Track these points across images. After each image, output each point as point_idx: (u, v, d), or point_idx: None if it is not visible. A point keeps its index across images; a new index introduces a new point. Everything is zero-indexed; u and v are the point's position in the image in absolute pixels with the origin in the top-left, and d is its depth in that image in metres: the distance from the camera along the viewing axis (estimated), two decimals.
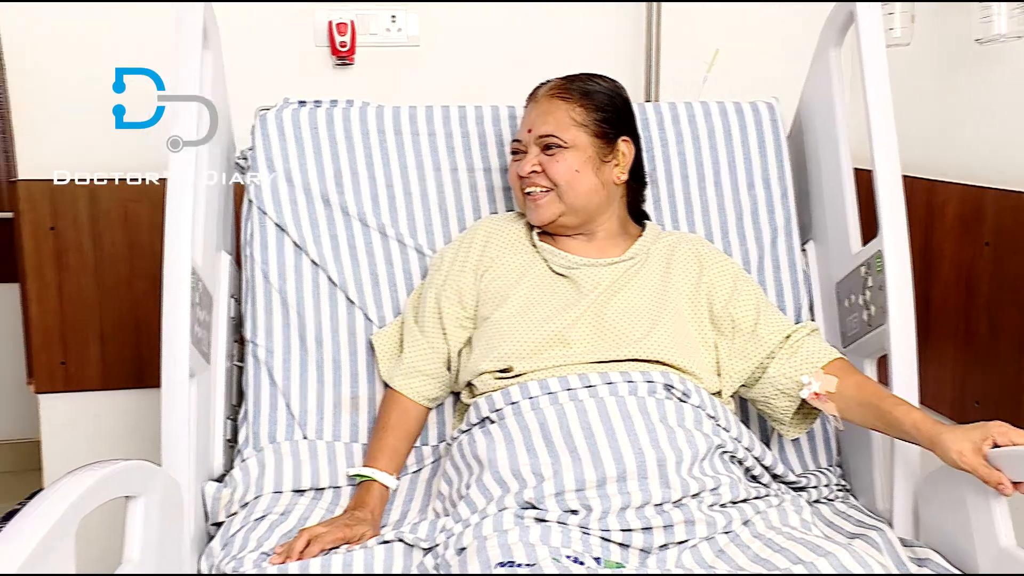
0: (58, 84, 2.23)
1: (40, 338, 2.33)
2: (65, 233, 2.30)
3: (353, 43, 2.22)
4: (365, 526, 1.45)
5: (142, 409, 2.41)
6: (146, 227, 2.33)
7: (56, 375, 2.35)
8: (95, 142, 2.27)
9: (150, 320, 2.34)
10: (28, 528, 0.95)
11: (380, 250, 1.80)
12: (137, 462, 1.26)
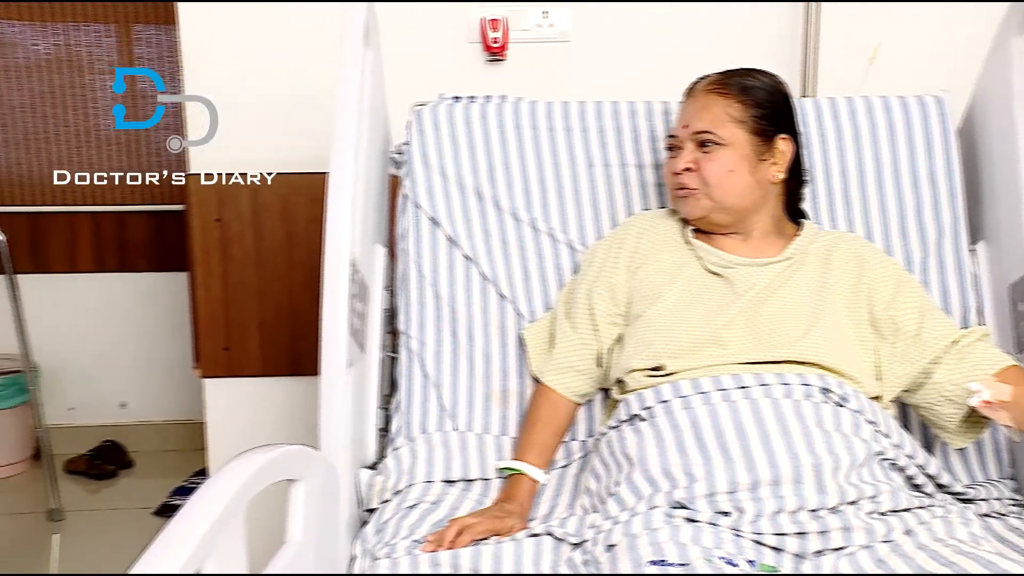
0: (228, 83, 2.33)
1: (206, 325, 2.45)
2: (230, 225, 2.41)
3: (505, 39, 2.25)
4: (514, 519, 1.46)
5: (297, 396, 2.50)
6: (303, 220, 2.42)
7: (219, 361, 2.46)
8: (259, 138, 2.37)
9: (306, 310, 2.43)
10: (204, 507, 1.00)
11: (531, 245, 1.81)
12: (299, 447, 1.30)
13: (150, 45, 3.42)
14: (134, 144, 3.49)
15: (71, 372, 3.57)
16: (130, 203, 3.53)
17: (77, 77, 3.44)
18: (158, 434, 3.62)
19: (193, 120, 2.35)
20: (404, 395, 1.75)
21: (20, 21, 3.39)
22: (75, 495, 3.23)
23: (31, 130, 3.47)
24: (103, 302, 3.58)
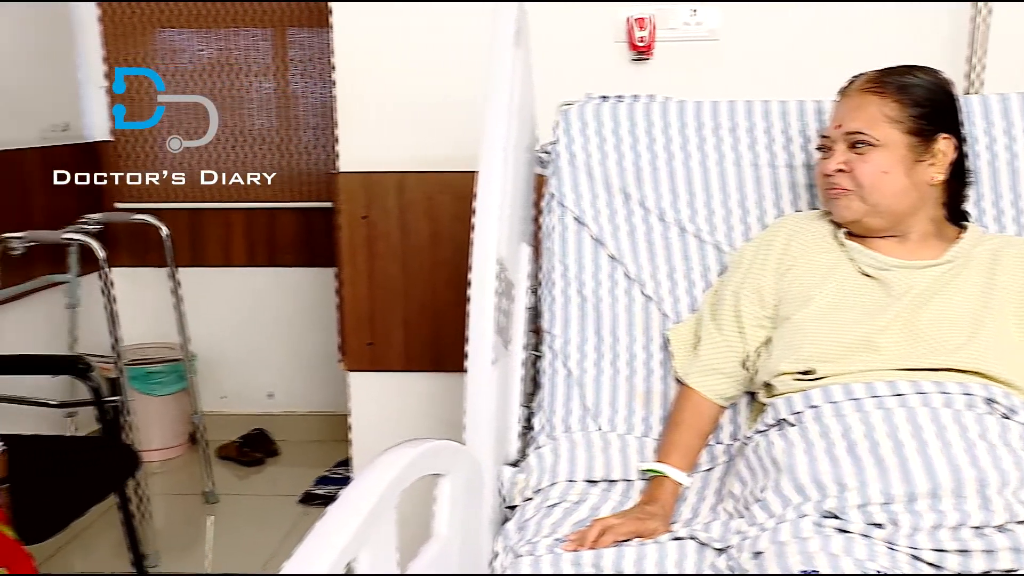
0: (380, 82, 2.39)
1: (352, 320, 2.52)
2: (376, 222, 2.47)
3: (652, 38, 2.23)
4: (657, 521, 1.45)
5: (438, 391, 2.54)
6: (447, 217, 2.46)
7: (364, 355, 2.53)
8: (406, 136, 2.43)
9: (449, 307, 2.47)
10: (360, 498, 1.02)
11: (678, 245, 1.79)
12: (446, 442, 1.32)
13: (303, 48, 3.54)
14: (285, 144, 3.62)
15: (224, 362, 3.72)
16: (280, 200, 3.65)
17: (235, 79, 3.59)
18: (303, 424, 3.74)
19: (345, 121, 2.42)
20: (547, 393, 1.76)
21: (188, 28, 3.56)
22: (226, 479, 3.37)
23: (192, 131, 3.64)
24: (254, 296, 3.72)
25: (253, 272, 3.70)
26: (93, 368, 2.45)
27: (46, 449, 2.36)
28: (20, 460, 2.00)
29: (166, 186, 3.66)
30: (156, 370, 3.45)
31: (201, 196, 3.66)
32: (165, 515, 3.05)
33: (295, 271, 3.68)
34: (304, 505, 3.16)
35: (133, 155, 3.64)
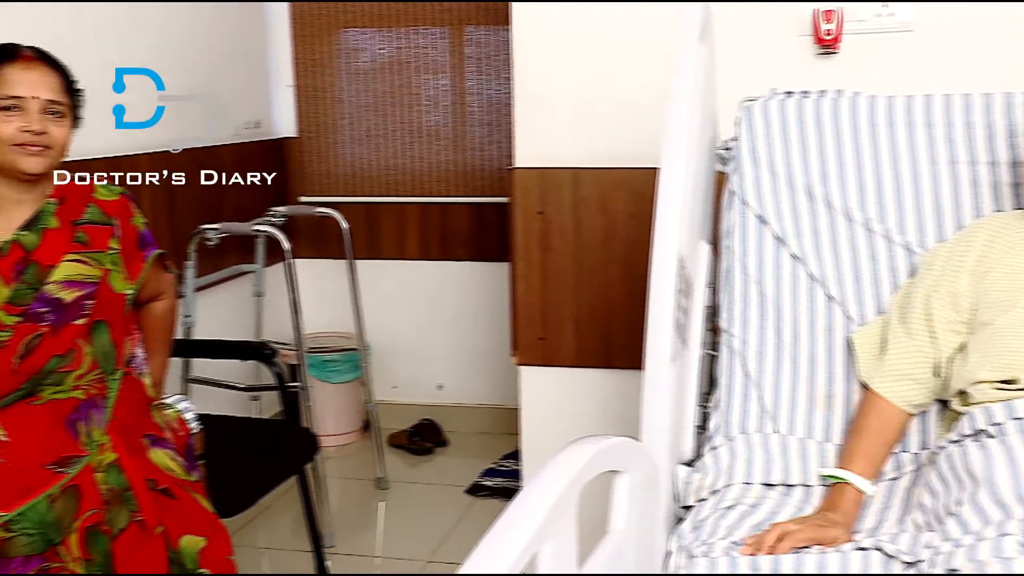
0: (557, 79, 2.41)
1: (524, 315, 2.54)
2: (550, 218, 2.49)
3: (839, 31, 2.16)
4: (838, 529, 1.40)
5: (608, 388, 2.54)
6: (622, 214, 2.45)
7: (535, 350, 2.55)
8: (582, 133, 2.43)
9: (621, 304, 2.47)
10: (544, 491, 1.03)
11: (864, 245, 1.73)
12: (624, 439, 1.32)
13: (479, 45, 3.61)
14: (459, 140, 3.70)
15: (396, 353, 3.83)
16: (454, 195, 3.73)
17: (413, 77, 3.69)
18: (471, 416, 3.81)
19: (522, 117, 2.45)
20: (724, 393, 1.73)
21: (370, 27, 3.68)
22: (397, 467, 3.47)
23: (371, 128, 3.77)
24: (426, 289, 3.81)
25: (426, 265, 3.80)
26: (277, 355, 2.56)
27: (236, 430, 2.49)
28: (213, 439, 2.12)
29: (345, 180, 3.80)
30: (333, 359, 3.59)
31: (378, 190, 3.78)
32: (339, 498, 3.17)
33: (467, 265, 3.75)
34: (471, 496, 3.22)
35: (316, 151, 3.81)
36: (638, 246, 2.39)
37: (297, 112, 3.79)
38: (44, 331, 1.73)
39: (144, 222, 1.95)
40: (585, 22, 2.36)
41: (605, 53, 2.37)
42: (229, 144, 3.45)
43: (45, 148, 1.72)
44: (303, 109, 3.79)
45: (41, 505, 1.59)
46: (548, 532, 1.03)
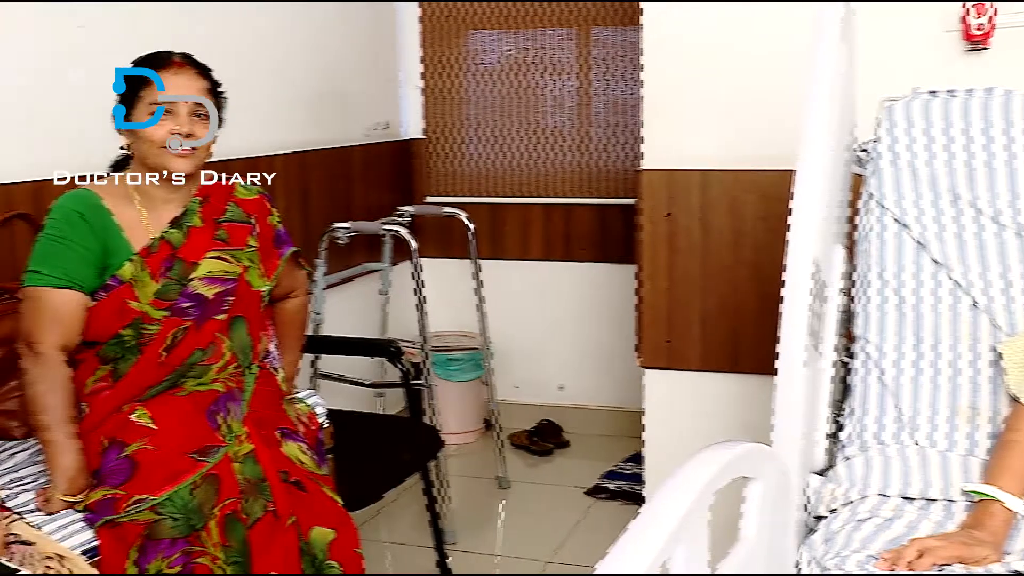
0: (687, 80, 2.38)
1: (649, 317, 2.52)
2: (678, 219, 2.46)
3: (991, 25, 2.06)
4: (986, 549, 1.34)
5: (733, 393, 2.49)
6: (751, 216, 2.41)
7: (660, 352, 2.52)
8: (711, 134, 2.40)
9: (748, 307, 2.42)
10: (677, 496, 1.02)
11: (1015, 251, 1.65)
12: (757, 445, 1.29)
13: (605, 46, 3.60)
14: (584, 141, 3.69)
15: (518, 353, 3.85)
16: (577, 196, 3.73)
17: (539, 78, 3.70)
18: (592, 418, 3.80)
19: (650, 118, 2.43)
20: (858, 402, 1.68)
21: (497, 29, 3.71)
22: (517, 467, 3.49)
23: (497, 128, 3.80)
24: (549, 289, 3.82)
25: (549, 266, 3.81)
26: (403, 352, 2.61)
27: (362, 425, 2.54)
28: (341, 434, 2.17)
29: (470, 181, 3.84)
30: (456, 357, 3.63)
31: (502, 191, 3.81)
32: (460, 496, 3.21)
33: (589, 266, 3.74)
34: (592, 497, 3.21)
35: (442, 151, 3.86)
36: (768, 249, 2.35)
37: (424, 113, 3.85)
38: (188, 325, 1.80)
39: (280, 220, 2.02)
40: (717, 21, 2.33)
41: (737, 53, 2.33)
42: (359, 145, 3.53)
43: (193, 149, 1.80)
44: (430, 110, 3.85)
45: (185, 491, 1.65)
46: (681, 536, 1.02)
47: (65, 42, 2.26)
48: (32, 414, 1.72)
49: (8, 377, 1.89)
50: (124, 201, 1.83)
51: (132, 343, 1.78)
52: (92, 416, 1.76)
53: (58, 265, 1.75)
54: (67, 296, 1.74)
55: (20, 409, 1.86)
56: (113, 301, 1.77)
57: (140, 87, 1.78)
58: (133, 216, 1.83)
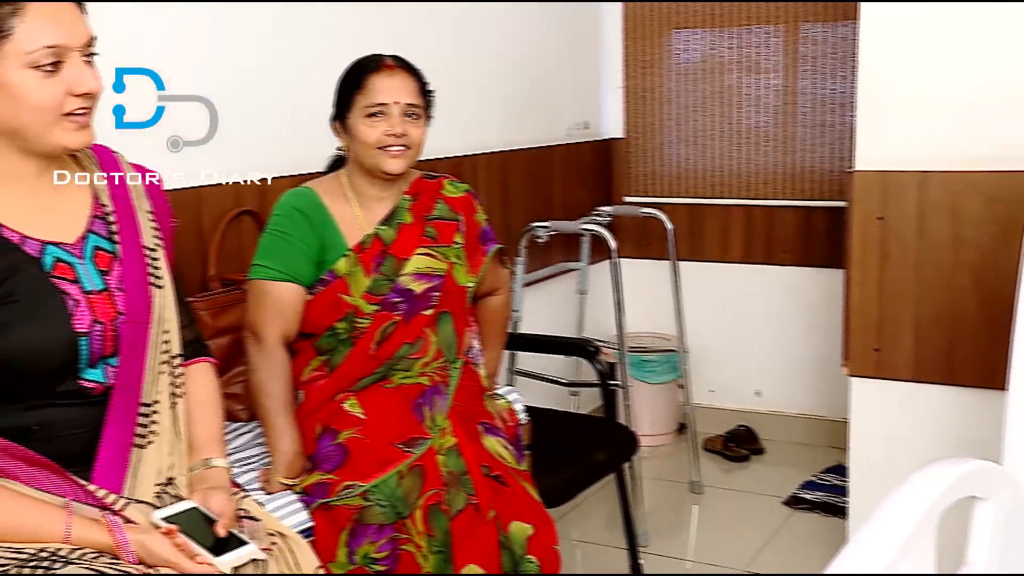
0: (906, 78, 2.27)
1: (857, 323, 2.42)
2: (891, 223, 2.35)
3: None
4: None
5: (952, 406, 2.36)
6: (974, 219, 2.27)
7: (868, 360, 2.42)
8: (931, 134, 2.28)
9: (969, 316, 2.28)
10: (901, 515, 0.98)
11: None
12: (987, 463, 1.21)
13: (815, 43, 3.48)
14: (789, 141, 3.58)
15: (714, 356, 3.78)
16: (780, 198, 3.63)
17: (743, 77, 3.62)
18: (790, 425, 3.68)
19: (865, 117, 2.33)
20: None
21: (701, 28, 3.66)
22: (712, 472, 3.42)
23: (698, 128, 3.74)
24: (748, 292, 3.73)
25: (748, 268, 3.72)
26: (600, 352, 2.61)
27: (559, 423, 2.56)
28: (538, 431, 2.20)
29: (670, 181, 3.80)
30: (651, 359, 3.60)
31: (702, 192, 3.75)
32: (653, 498, 3.18)
33: (791, 270, 3.63)
34: (790, 508, 3.11)
35: (642, 151, 3.83)
36: (993, 255, 2.21)
37: (625, 113, 3.84)
38: (397, 320, 1.87)
39: (485, 218, 2.06)
40: (941, 15, 2.21)
41: (963, 48, 2.21)
42: (560, 145, 3.55)
43: (405, 149, 1.86)
44: (631, 110, 3.84)
45: (392, 480, 1.71)
46: (906, 557, 0.96)
47: (271, 49, 2.38)
48: (255, 399, 1.83)
49: (233, 363, 2.01)
50: (340, 199, 1.91)
51: (345, 336, 1.86)
52: (308, 403, 1.86)
53: (280, 259, 1.85)
54: (288, 289, 1.84)
55: (244, 393, 1.98)
56: (329, 295, 1.85)
57: (354, 90, 1.86)
58: (348, 213, 1.91)
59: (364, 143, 1.86)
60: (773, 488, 3.25)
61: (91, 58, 1.31)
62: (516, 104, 3.32)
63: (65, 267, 1.35)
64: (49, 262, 1.34)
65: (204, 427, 1.52)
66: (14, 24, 1.23)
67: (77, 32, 1.29)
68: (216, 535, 1.35)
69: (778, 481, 3.29)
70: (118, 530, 1.28)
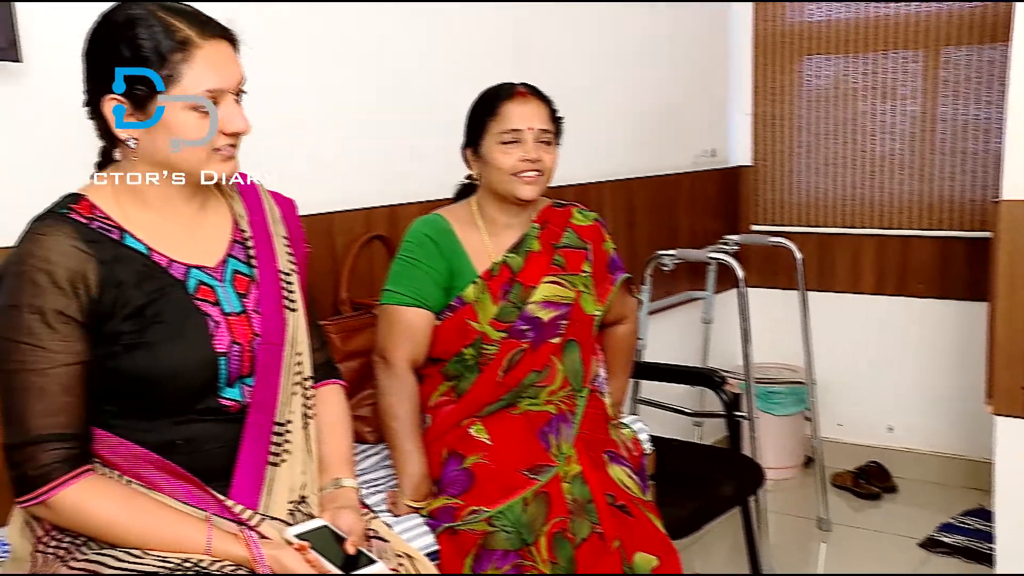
0: None
1: (1003, 359, 2.31)
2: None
3: None
4: None
5: None
6: None
7: (1016, 399, 2.31)
8: None
9: None
10: None
11: None
12: None
13: (957, 68, 3.35)
14: (925, 169, 3.46)
15: (843, 389, 3.66)
16: (915, 228, 3.50)
17: (879, 103, 3.52)
18: (925, 463, 3.53)
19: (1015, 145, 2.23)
20: None
21: (834, 54, 3.58)
22: (840, 509, 3.31)
23: (830, 155, 3.65)
24: (880, 324, 3.61)
25: (881, 300, 3.60)
26: (726, 382, 2.56)
27: (683, 453, 2.52)
28: (662, 461, 2.17)
29: (799, 209, 3.72)
30: (777, 390, 3.51)
31: (833, 220, 3.65)
32: (778, 533, 3.09)
33: (927, 302, 3.50)
34: (927, 551, 2.97)
35: (770, 179, 3.76)
36: None
37: (753, 140, 3.78)
38: (525, 347, 1.87)
39: (613, 247, 2.05)
40: None
41: None
42: (686, 172, 3.52)
43: (539, 174, 1.87)
44: (759, 137, 3.77)
45: (517, 506, 1.71)
46: None
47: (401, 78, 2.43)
48: (383, 422, 1.86)
49: (362, 386, 2.05)
50: (470, 226, 1.94)
51: (472, 362, 1.87)
52: (435, 428, 1.87)
53: (410, 285, 1.88)
54: (417, 314, 1.87)
55: (372, 416, 2.01)
56: (456, 320, 1.87)
57: (487, 118, 1.89)
58: (477, 240, 1.93)
59: (499, 169, 1.87)
60: (907, 529, 3.11)
61: (240, 97, 1.37)
62: (642, 131, 3.31)
63: (207, 290, 1.40)
64: (193, 285, 1.39)
65: (334, 447, 1.55)
66: (183, 70, 1.30)
67: (233, 75, 1.35)
68: (346, 553, 1.37)
69: (913, 522, 3.16)
70: (254, 545, 1.32)
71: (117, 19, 1.31)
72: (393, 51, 2.39)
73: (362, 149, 2.31)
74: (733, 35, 3.75)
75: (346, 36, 2.26)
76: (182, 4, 1.34)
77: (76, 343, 1.29)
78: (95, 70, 1.33)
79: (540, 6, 2.81)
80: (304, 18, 2.16)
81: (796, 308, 3.26)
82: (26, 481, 1.27)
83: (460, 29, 2.55)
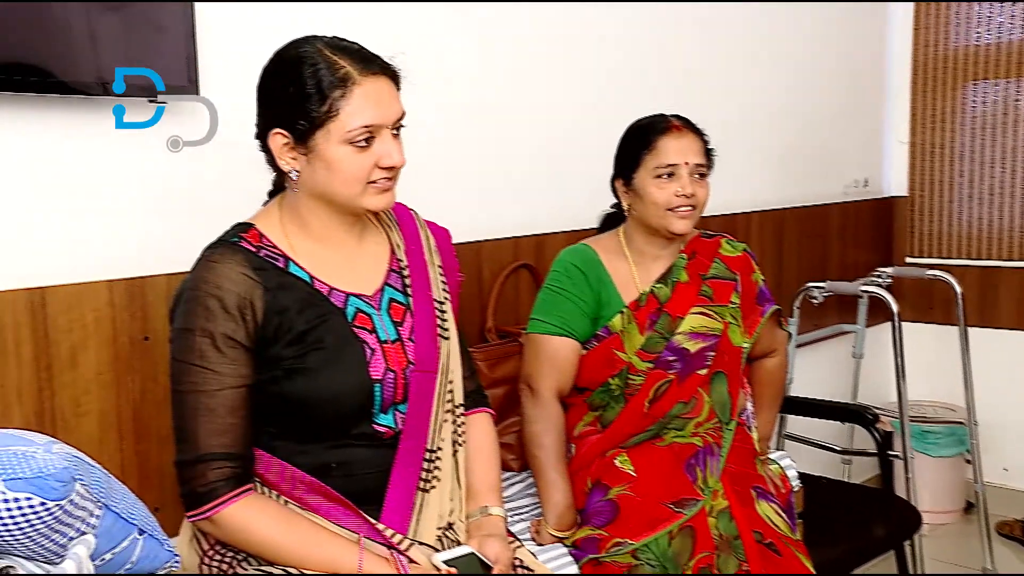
0: None
1: None
2: None
3: None
4: None
5: None
6: None
7: None
8: None
9: None
10: None
11: None
12: None
13: None
14: None
15: (1008, 432, 3.47)
16: None
17: None
18: None
19: None
20: None
21: (1001, 79, 3.43)
22: (1007, 560, 3.12)
23: (995, 185, 3.49)
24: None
25: None
26: (879, 419, 2.47)
27: (832, 492, 2.44)
28: (810, 499, 2.10)
29: (959, 241, 3.57)
30: (933, 430, 3.36)
31: (997, 253, 3.49)
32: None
33: None
34: None
35: (927, 210, 3.62)
36: None
37: (910, 169, 3.65)
38: (671, 378, 1.85)
39: (762, 279, 2.02)
40: None
41: None
42: (836, 203, 3.43)
43: (692, 209, 1.86)
44: (916, 166, 3.64)
45: (663, 539, 1.69)
46: None
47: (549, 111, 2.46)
48: (528, 450, 1.87)
49: (507, 414, 2.07)
50: (618, 256, 1.94)
51: (618, 392, 1.87)
52: (579, 458, 1.87)
53: (557, 314, 1.89)
54: (563, 343, 1.87)
55: (517, 444, 2.03)
56: (603, 350, 1.87)
57: (642, 151, 1.89)
58: (625, 270, 1.93)
59: (654, 203, 1.87)
60: None
61: (398, 131, 1.41)
62: (792, 161, 3.24)
63: (364, 317, 1.44)
64: (352, 312, 1.43)
65: (482, 475, 1.56)
66: (341, 106, 1.34)
67: (390, 111, 1.39)
68: None
69: None
70: (404, 569, 1.34)
71: (287, 56, 1.38)
72: (543, 84, 2.42)
73: (510, 178, 2.35)
74: (890, 62, 3.64)
75: (501, 71, 2.32)
76: (348, 42, 1.39)
77: (242, 367, 1.35)
78: (265, 105, 1.40)
79: (686, 35, 2.80)
80: (464, 54, 2.24)
81: (951, 344, 3.12)
82: (194, 497, 1.33)
83: (606, 61, 2.57)
